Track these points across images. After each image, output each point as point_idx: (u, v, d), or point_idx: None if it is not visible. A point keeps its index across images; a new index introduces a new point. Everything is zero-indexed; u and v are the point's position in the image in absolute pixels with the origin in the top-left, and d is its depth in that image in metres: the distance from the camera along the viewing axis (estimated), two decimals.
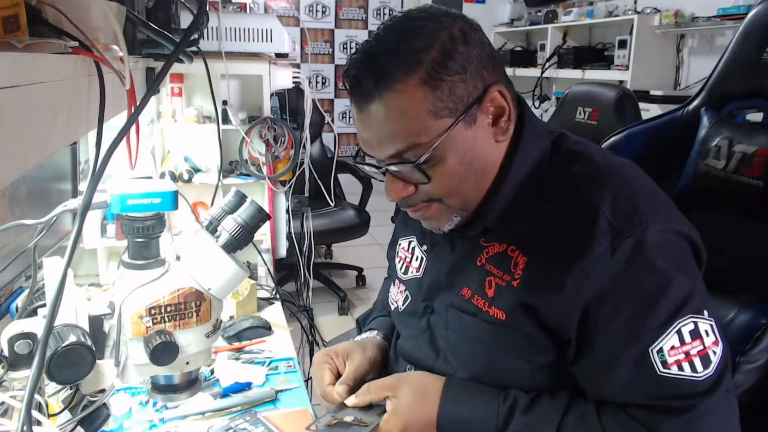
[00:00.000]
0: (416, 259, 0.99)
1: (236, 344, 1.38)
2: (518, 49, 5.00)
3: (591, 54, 4.15)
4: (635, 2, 3.87)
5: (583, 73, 3.99)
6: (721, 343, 0.74)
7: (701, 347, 0.72)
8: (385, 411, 0.87)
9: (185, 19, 1.42)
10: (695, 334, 0.72)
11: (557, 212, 0.78)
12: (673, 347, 0.72)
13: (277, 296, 1.66)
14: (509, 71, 4.79)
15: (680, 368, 0.72)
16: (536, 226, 0.79)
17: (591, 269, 0.73)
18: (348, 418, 0.88)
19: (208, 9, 1.64)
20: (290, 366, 1.29)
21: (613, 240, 0.73)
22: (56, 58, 0.56)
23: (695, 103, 1.04)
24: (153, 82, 0.74)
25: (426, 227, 0.89)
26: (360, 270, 3.79)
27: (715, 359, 0.73)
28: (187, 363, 0.81)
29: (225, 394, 1.15)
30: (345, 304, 3.39)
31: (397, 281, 1.03)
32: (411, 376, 0.91)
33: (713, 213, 1.00)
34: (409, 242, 1.02)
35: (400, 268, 1.02)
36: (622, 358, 0.74)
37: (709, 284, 0.90)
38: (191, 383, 0.85)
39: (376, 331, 1.09)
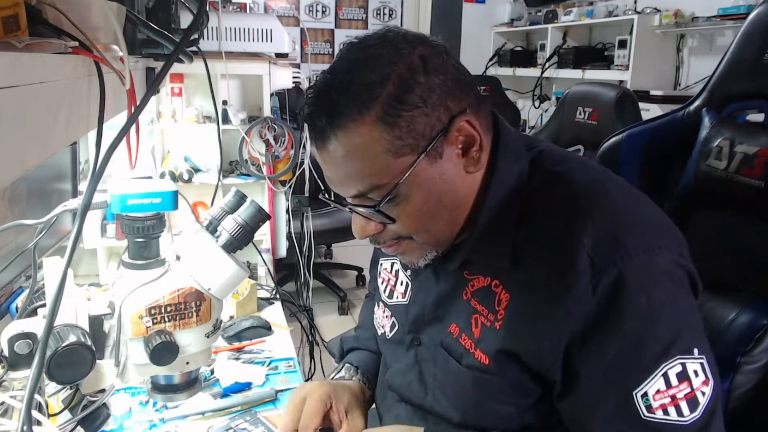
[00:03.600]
0: (401, 284, 0.94)
1: (236, 344, 1.38)
2: (518, 49, 4.99)
3: (591, 54, 4.14)
4: (635, 2, 3.87)
5: (583, 73, 3.99)
6: (711, 382, 0.70)
7: (688, 390, 0.68)
8: None
9: (185, 19, 1.42)
10: (683, 376, 0.68)
11: (537, 244, 0.74)
12: (658, 391, 0.68)
13: (277, 296, 1.66)
14: (509, 71, 4.82)
15: (666, 413, 0.68)
16: (517, 259, 0.75)
17: (572, 309, 0.69)
18: None
19: (208, 9, 1.63)
20: (290, 366, 1.29)
21: (594, 276, 0.68)
22: (56, 58, 0.56)
23: (696, 103, 1.04)
24: (153, 82, 0.74)
25: (401, 261, 0.84)
26: (360, 270, 3.79)
27: (703, 401, 0.69)
28: (187, 363, 0.81)
29: (225, 394, 1.15)
30: (345, 304, 3.39)
31: (381, 304, 0.98)
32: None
33: (714, 214, 1.00)
34: (392, 264, 0.97)
35: (384, 291, 0.97)
36: (605, 401, 0.71)
37: (711, 284, 0.90)
38: (191, 383, 0.85)
39: (357, 375, 1.02)
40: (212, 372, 1.22)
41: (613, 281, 0.68)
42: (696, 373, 0.69)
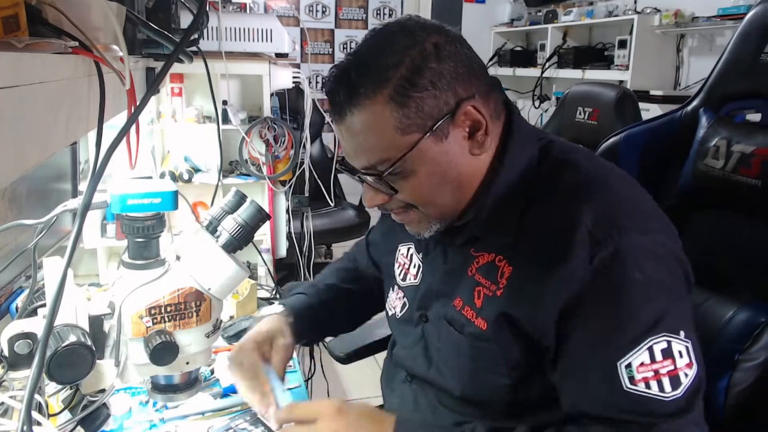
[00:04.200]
0: (414, 267, 1.00)
1: (236, 344, 1.38)
2: (518, 49, 4.99)
3: (591, 54, 4.14)
4: (635, 2, 3.87)
5: (583, 73, 3.98)
6: (696, 366, 0.72)
7: (672, 367, 0.71)
8: None
9: (185, 19, 1.42)
10: (667, 353, 0.71)
11: (541, 222, 0.78)
12: (642, 364, 0.71)
13: (277, 296, 1.66)
14: (509, 71, 4.82)
15: (647, 386, 0.71)
16: (521, 236, 0.79)
17: (569, 277, 0.73)
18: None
19: (208, 9, 1.64)
20: (290, 366, 1.29)
21: (592, 248, 0.73)
22: (56, 58, 0.56)
23: (694, 103, 1.04)
24: (153, 82, 0.74)
25: (408, 231, 0.89)
26: None
27: (686, 381, 0.71)
28: (187, 363, 0.81)
29: (225, 394, 1.15)
30: None
31: (396, 287, 1.03)
32: (354, 405, 0.87)
33: (712, 212, 1.00)
34: (408, 249, 1.03)
35: (399, 274, 1.03)
36: (590, 368, 0.74)
37: (708, 283, 0.90)
38: (191, 383, 0.85)
39: (283, 308, 1.08)
40: (212, 372, 1.22)
41: (610, 254, 0.72)
42: (680, 353, 0.71)
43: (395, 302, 1.03)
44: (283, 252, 2.16)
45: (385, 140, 0.77)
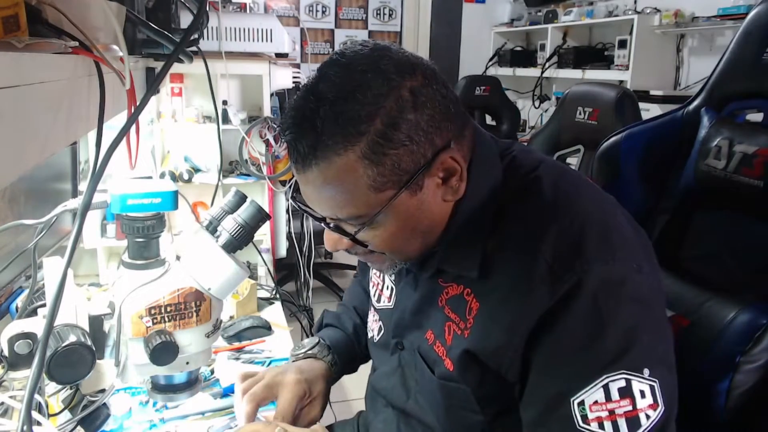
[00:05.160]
0: (387, 288, 0.95)
1: (236, 344, 1.38)
2: (518, 49, 4.99)
3: (591, 54, 4.14)
4: (635, 2, 3.87)
5: (583, 73, 3.98)
6: (661, 408, 0.67)
7: (630, 408, 0.66)
8: None
9: (185, 19, 1.42)
10: (625, 392, 0.66)
11: (503, 253, 0.74)
12: (596, 402, 0.66)
13: (277, 296, 1.66)
14: (509, 71, 4.82)
15: (601, 426, 0.66)
16: (485, 269, 0.75)
17: (531, 313, 0.69)
18: None
19: (208, 9, 1.63)
20: None
21: (552, 284, 0.68)
22: (56, 58, 0.56)
23: (695, 103, 1.04)
24: (153, 82, 0.74)
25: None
26: None
27: (646, 423, 0.66)
28: (187, 363, 0.81)
29: (225, 394, 1.15)
30: None
31: (372, 309, 1.00)
32: None
33: (714, 213, 1.00)
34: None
35: (374, 295, 0.99)
36: (543, 402, 0.71)
37: (710, 284, 0.90)
38: (191, 383, 0.85)
39: (328, 356, 1.05)
40: (212, 372, 1.22)
41: (571, 286, 0.68)
42: (642, 393, 0.66)
43: (372, 324, 0.99)
44: (283, 252, 2.16)
45: (355, 198, 0.70)
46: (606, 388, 0.66)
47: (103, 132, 0.63)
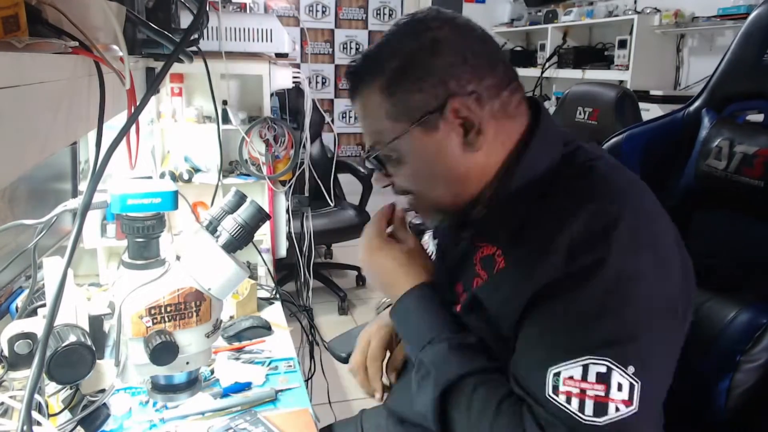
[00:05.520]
0: (431, 253, 1.03)
1: (236, 344, 1.38)
2: (518, 49, 4.99)
3: (591, 54, 4.14)
4: (635, 2, 3.87)
5: (583, 73, 3.99)
6: (635, 408, 0.66)
7: (602, 394, 0.66)
8: None
9: (185, 19, 1.42)
10: (603, 378, 0.66)
11: (538, 223, 0.77)
12: (571, 377, 0.67)
13: (277, 296, 1.66)
14: None
15: (568, 401, 0.67)
16: (518, 234, 0.79)
17: (537, 276, 0.71)
18: None
19: (208, 9, 1.63)
20: (290, 366, 1.29)
21: (567, 256, 0.70)
22: (56, 58, 0.56)
23: (696, 103, 1.04)
24: (153, 82, 0.74)
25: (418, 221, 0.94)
26: (360, 270, 3.79)
27: (613, 414, 0.66)
28: (187, 363, 0.81)
29: (225, 394, 1.15)
30: (345, 304, 3.39)
31: None
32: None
33: (715, 213, 1.00)
34: (428, 235, 1.08)
35: None
36: (525, 366, 0.73)
37: (711, 284, 0.90)
38: (191, 383, 0.85)
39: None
40: (212, 372, 1.22)
41: (589, 264, 0.69)
42: (620, 386, 0.66)
43: None
44: (283, 252, 2.15)
45: (378, 125, 0.83)
46: (585, 368, 0.67)
47: (103, 132, 0.63)
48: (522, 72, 4.74)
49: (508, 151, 0.82)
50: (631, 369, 0.67)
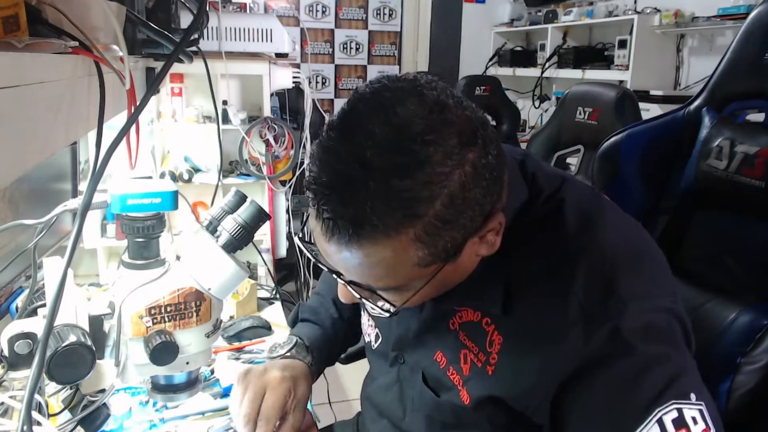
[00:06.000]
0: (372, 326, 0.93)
1: (236, 344, 1.38)
2: (518, 49, 4.99)
3: (591, 54, 4.13)
4: (635, 2, 3.87)
5: (583, 73, 3.98)
6: (713, 429, 0.64)
7: None
8: None
9: (185, 19, 1.42)
10: (680, 423, 0.64)
11: (529, 287, 0.71)
12: None
13: (277, 296, 1.66)
14: (509, 71, 4.82)
15: None
16: (508, 301, 0.72)
17: (563, 356, 0.67)
18: None
19: (208, 9, 1.63)
20: None
21: (586, 327, 0.66)
22: (56, 58, 0.56)
23: (696, 103, 1.04)
24: (153, 82, 0.74)
25: None
26: None
27: None
28: (187, 363, 0.81)
29: (225, 394, 1.15)
30: None
31: (366, 313, 0.97)
32: None
33: (715, 213, 1.00)
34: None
35: None
36: None
37: (711, 285, 0.90)
38: (191, 383, 0.85)
39: (308, 356, 1.01)
40: (212, 372, 1.22)
41: (608, 332, 0.66)
42: (695, 420, 0.64)
43: (368, 329, 0.96)
44: (283, 252, 2.16)
45: (397, 273, 0.64)
46: (660, 422, 0.64)
47: (103, 132, 0.63)
48: (522, 72, 4.75)
49: None
50: (692, 397, 0.66)
